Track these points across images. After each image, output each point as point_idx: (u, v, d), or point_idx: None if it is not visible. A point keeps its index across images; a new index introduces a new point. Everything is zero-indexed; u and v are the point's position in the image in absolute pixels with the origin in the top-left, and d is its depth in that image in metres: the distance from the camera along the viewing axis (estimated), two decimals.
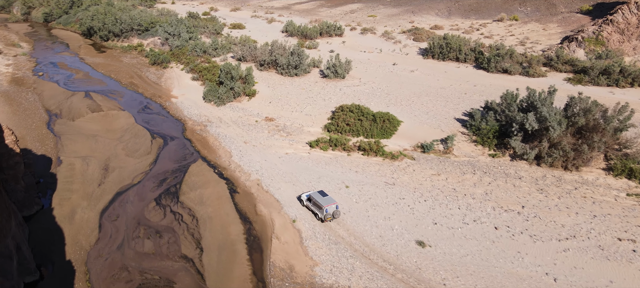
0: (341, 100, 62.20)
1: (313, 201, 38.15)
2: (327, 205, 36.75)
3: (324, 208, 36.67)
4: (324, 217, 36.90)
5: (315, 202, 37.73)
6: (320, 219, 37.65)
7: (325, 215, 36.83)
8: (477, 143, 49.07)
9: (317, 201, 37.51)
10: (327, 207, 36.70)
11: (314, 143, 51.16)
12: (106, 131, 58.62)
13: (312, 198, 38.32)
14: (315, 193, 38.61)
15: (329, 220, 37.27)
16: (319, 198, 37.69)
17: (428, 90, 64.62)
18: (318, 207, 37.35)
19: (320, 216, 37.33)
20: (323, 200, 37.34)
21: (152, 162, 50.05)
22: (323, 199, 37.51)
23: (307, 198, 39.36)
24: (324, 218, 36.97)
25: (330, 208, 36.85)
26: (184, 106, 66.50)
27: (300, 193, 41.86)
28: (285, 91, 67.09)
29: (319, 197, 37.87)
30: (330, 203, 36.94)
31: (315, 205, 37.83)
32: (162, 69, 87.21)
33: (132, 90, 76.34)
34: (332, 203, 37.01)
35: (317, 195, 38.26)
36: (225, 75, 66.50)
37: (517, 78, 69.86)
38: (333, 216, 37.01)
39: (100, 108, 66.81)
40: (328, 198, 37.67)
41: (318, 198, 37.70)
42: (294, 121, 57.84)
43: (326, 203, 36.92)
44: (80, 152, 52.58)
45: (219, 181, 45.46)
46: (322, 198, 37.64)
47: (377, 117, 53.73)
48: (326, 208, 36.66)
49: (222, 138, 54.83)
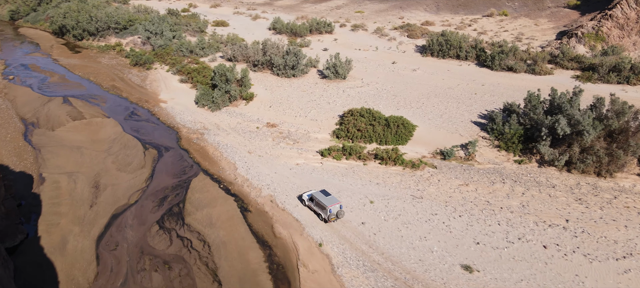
0: (346, 103, 58.35)
1: (316, 201, 36.47)
2: (331, 205, 35.15)
3: (327, 209, 35.09)
4: (328, 217, 35.33)
5: (318, 202, 36.00)
6: (323, 220, 36.12)
7: (330, 216, 35.29)
8: (501, 148, 46.00)
9: (320, 201, 35.78)
10: (331, 207, 35.13)
11: (325, 152, 47.19)
12: (92, 142, 53.20)
13: (314, 198, 36.63)
14: (317, 193, 36.82)
15: (333, 220, 35.70)
16: (321, 198, 35.98)
17: (436, 91, 61.40)
18: (321, 207, 35.77)
19: (324, 216, 35.75)
20: (326, 200, 35.61)
21: (147, 177, 45.15)
22: (326, 199, 35.81)
23: (309, 198, 37.68)
24: (328, 219, 35.43)
25: (334, 208, 35.33)
26: (175, 112, 61.44)
27: (301, 193, 40.11)
28: (284, 94, 62.77)
29: (321, 196, 36.19)
30: (334, 203, 35.36)
31: (318, 206, 36.23)
32: (146, 71, 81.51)
33: (115, 95, 70.65)
34: (335, 203, 35.47)
35: (319, 194, 36.52)
36: (220, 77, 61.73)
37: (523, 76, 67.41)
38: (337, 216, 35.52)
39: (82, 115, 61.13)
40: (331, 198, 36.00)
41: (321, 198, 35.99)
42: (299, 127, 53.69)
43: (330, 203, 35.26)
44: (65, 167, 47.19)
45: (226, 198, 41.02)
46: (325, 197, 35.98)
47: (390, 122, 50.12)
48: (330, 209, 35.11)
49: (223, 147, 50.24)
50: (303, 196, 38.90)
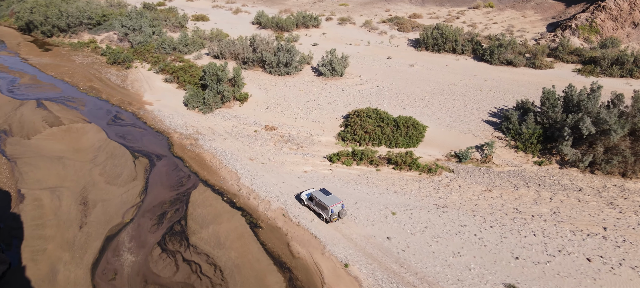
0: (348, 102, 55.17)
1: (316, 201, 35.20)
2: (332, 205, 33.95)
3: (329, 209, 33.88)
4: (330, 217, 34.16)
5: (319, 202, 34.72)
6: (325, 220, 34.93)
7: (331, 216, 34.14)
8: (519, 149, 43.74)
9: (320, 201, 34.50)
10: (332, 206, 33.92)
11: (334, 157, 43.96)
12: (74, 151, 48.48)
13: (314, 198, 35.31)
14: (317, 192, 35.56)
15: (335, 220, 34.57)
16: (322, 197, 34.78)
17: (439, 88, 58.85)
18: (322, 207, 34.57)
19: (325, 217, 34.58)
20: (327, 200, 34.42)
21: (141, 190, 41.01)
22: (327, 198, 34.61)
23: (309, 197, 36.35)
24: (330, 219, 34.28)
25: (335, 207, 34.16)
26: (164, 115, 57.02)
27: (300, 192, 38.79)
28: (281, 94, 59.11)
29: (322, 196, 34.96)
30: (335, 203, 34.17)
31: (319, 206, 34.98)
32: (125, 70, 76.32)
33: (94, 96, 65.52)
34: (337, 202, 34.33)
35: (319, 194, 35.27)
36: (211, 77, 57.57)
37: (523, 70, 65.64)
38: (339, 216, 34.38)
39: (61, 121, 56.09)
40: (332, 197, 34.86)
41: (321, 197, 34.78)
42: (301, 130, 50.24)
43: (331, 203, 34.06)
44: (46, 181, 42.55)
45: (232, 213, 37.38)
46: (325, 197, 34.79)
47: (399, 123, 47.23)
48: (332, 209, 33.94)
49: (221, 154, 46.38)
50: (301, 195, 37.19)
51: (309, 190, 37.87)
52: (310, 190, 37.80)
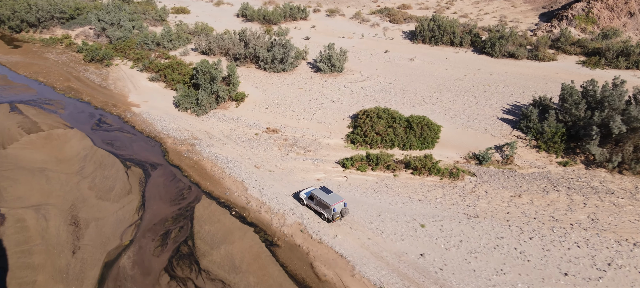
0: (352, 100, 51.98)
1: (317, 200, 33.95)
2: (335, 204, 32.74)
3: (331, 208, 32.70)
4: (332, 216, 33.00)
5: (320, 201, 33.55)
6: (326, 219, 33.74)
7: (334, 215, 32.93)
8: (541, 149, 41.46)
9: (322, 199, 33.31)
10: (335, 205, 32.71)
11: (347, 162, 40.79)
12: (57, 161, 43.94)
13: (315, 197, 34.03)
14: (317, 191, 34.33)
15: (337, 219, 33.38)
16: (323, 196, 33.60)
17: (445, 83, 56.24)
18: (324, 206, 33.34)
19: (327, 216, 33.43)
20: (329, 198, 33.27)
21: (138, 205, 37.02)
22: (329, 197, 33.47)
23: (309, 196, 35.03)
24: (332, 218, 33.09)
25: (338, 206, 33.00)
26: (154, 118, 52.67)
27: (299, 191, 37.46)
28: (279, 92, 55.44)
29: (323, 194, 33.77)
30: (337, 201, 32.98)
31: (320, 205, 33.73)
32: (105, 68, 71.16)
33: (74, 98, 60.48)
34: (339, 200, 33.15)
35: (320, 192, 34.05)
36: (204, 75, 53.43)
37: (526, 63, 63.74)
38: (342, 215, 33.14)
39: (39, 126, 51.17)
40: (334, 195, 33.69)
41: (323, 196, 33.61)
42: (305, 132, 46.87)
43: (333, 202, 32.89)
44: (29, 198, 38.08)
45: (244, 230, 33.86)
46: (326, 196, 33.63)
47: (412, 123, 44.36)
48: (334, 207, 32.73)
49: (223, 162, 42.63)
50: (301, 194, 35.72)
51: (309, 189, 36.40)
52: (309, 189, 36.36)
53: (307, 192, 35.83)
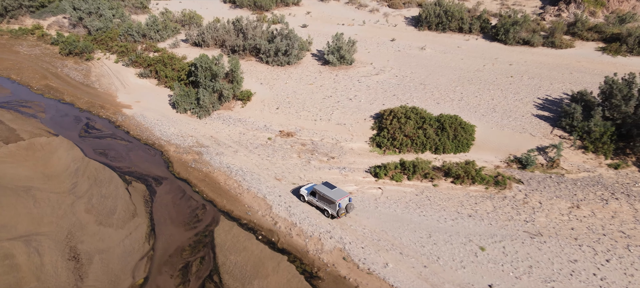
0: (371, 97, 47.53)
1: (319, 195, 32.28)
2: (340, 199, 31.25)
3: (336, 203, 31.18)
4: (338, 212, 31.46)
5: (324, 196, 31.94)
6: (330, 216, 32.23)
7: (339, 211, 31.46)
8: (587, 150, 38.05)
9: (325, 195, 31.74)
10: (340, 200, 31.24)
11: (380, 171, 36.50)
12: (44, 178, 38.25)
13: (317, 192, 32.38)
14: (320, 186, 32.65)
15: (343, 215, 31.93)
16: (326, 191, 32.01)
17: (466, 75, 52.31)
18: (328, 201, 31.75)
19: (332, 212, 31.91)
20: (333, 193, 31.72)
21: (147, 231, 32.00)
22: (333, 192, 31.90)
23: (310, 192, 33.30)
24: (338, 214, 31.55)
25: (343, 201, 31.58)
26: (150, 121, 47.10)
27: (298, 187, 35.51)
28: (288, 89, 50.46)
29: (326, 190, 32.15)
30: (342, 196, 31.50)
31: (324, 200, 32.13)
32: (85, 62, 64.57)
33: (55, 99, 54.16)
34: (344, 195, 31.65)
35: (323, 188, 32.42)
36: (204, 72, 47.97)
37: (543, 50, 60.37)
38: (347, 210, 31.82)
39: (18, 134, 45.07)
40: (338, 190, 32.21)
41: (326, 191, 32.01)
42: (324, 135, 42.31)
43: (338, 197, 31.38)
44: (16, 226, 32.54)
45: (276, 259, 29.33)
46: (330, 190, 32.04)
47: (444, 123, 40.32)
48: (339, 203, 31.27)
49: (238, 174, 37.75)
50: (301, 191, 34.02)
51: (309, 184, 34.79)
52: (310, 184, 34.76)
53: (309, 188, 34.07)
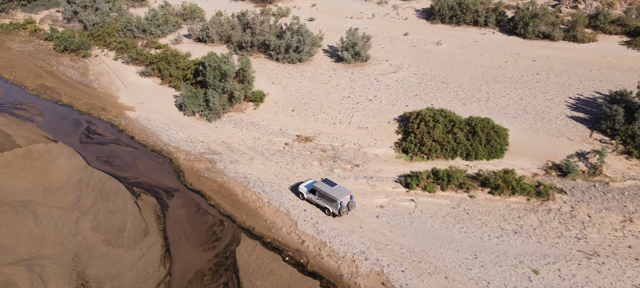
0: (392, 98, 44.62)
1: (320, 193, 31.18)
2: (341, 197, 30.24)
3: (338, 201, 30.16)
4: (339, 211, 30.42)
5: (325, 194, 30.85)
6: (332, 214, 31.17)
7: (341, 209, 30.43)
8: (631, 155, 35.49)
9: (326, 193, 30.67)
10: (341, 198, 30.21)
11: (411, 181, 33.69)
12: (44, 191, 35.08)
13: (318, 190, 31.29)
14: (320, 183, 31.64)
15: (344, 214, 30.94)
16: (327, 189, 30.98)
17: (489, 73, 49.55)
18: (330, 200, 30.64)
19: (333, 210, 30.82)
20: (335, 191, 30.66)
21: (162, 252, 29.07)
22: (334, 190, 30.85)
23: (310, 189, 32.08)
24: (339, 213, 30.52)
25: (345, 199, 30.56)
26: (155, 125, 43.92)
27: (297, 184, 34.39)
28: (302, 89, 47.39)
29: (327, 187, 31.11)
30: (344, 194, 30.51)
31: (325, 198, 31.03)
32: (82, 60, 61.04)
33: (51, 100, 50.76)
34: (346, 193, 30.65)
35: (323, 185, 31.39)
36: (213, 71, 44.76)
37: (565, 45, 57.70)
38: (348, 208, 30.81)
39: (13, 141, 41.81)
40: (339, 188, 31.15)
41: (326, 189, 30.98)
42: (345, 140, 39.42)
43: (340, 195, 30.38)
44: (16, 248, 29.45)
45: (308, 285, 26.54)
46: (332, 188, 30.99)
47: (476, 127, 37.55)
48: (341, 201, 30.23)
49: (256, 185, 34.80)
50: (300, 188, 32.84)
51: (309, 181, 33.62)
52: (309, 182, 33.59)
53: (308, 185, 32.94)
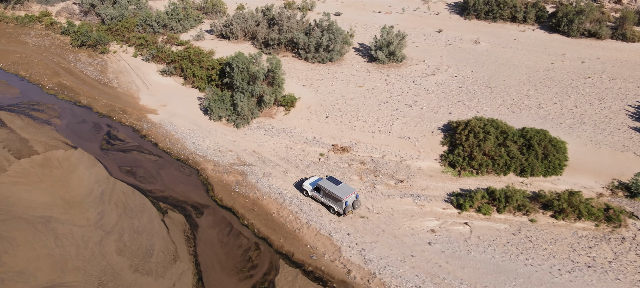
0: (433, 103, 41.33)
1: (325, 192, 30.18)
2: (347, 196, 29.30)
3: (343, 201, 29.31)
4: (345, 210, 29.55)
5: (329, 193, 29.83)
6: (336, 213, 30.32)
7: (346, 209, 29.55)
8: None
9: (331, 192, 29.66)
10: (347, 198, 29.28)
11: (464, 202, 30.55)
12: (65, 205, 32.56)
13: (322, 188, 30.30)
14: (325, 182, 30.64)
15: (350, 213, 30.10)
16: (332, 187, 29.98)
17: (536, 76, 46.04)
18: (335, 199, 29.70)
19: (338, 210, 29.98)
20: (340, 190, 29.68)
21: (194, 282, 26.56)
22: (339, 188, 29.88)
23: (314, 187, 31.18)
24: (345, 212, 29.67)
25: (350, 199, 29.65)
26: (180, 131, 41.18)
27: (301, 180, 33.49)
28: (336, 92, 44.26)
29: (331, 186, 30.15)
30: (349, 193, 29.58)
31: (329, 197, 30.08)
32: (100, 56, 58.45)
33: (69, 101, 48.25)
34: (351, 192, 29.76)
35: (328, 183, 30.39)
36: (241, 73, 41.78)
37: (613, 44, 54.03)
38: (353, 207, 29.96)
39: (31, 147, 39.42)
40: (344, 186, 30.20)
41: (331, 187, 29.97)
42: (385, 151, 36.32)
43: (345, 194, 29.46)
44: (35, 274, 27.01)
45: None
46: (336, 187, 30.00)
47: (531, 140, 34.18)
48: (346, 201, 29.32)
49: (292, 202, 31.99)
50: (304, 185, 31.93)
51: (312, 178, 32.60)
52: (314, 178, 32.48)
53: (313, 183, 31.92)
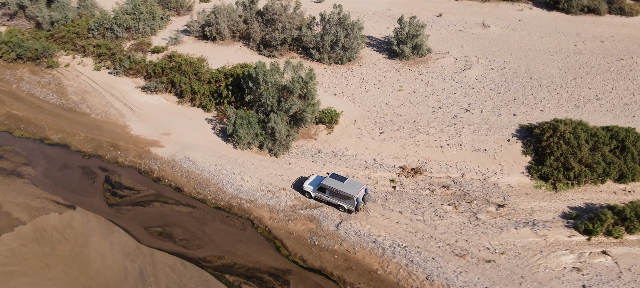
0: (488, 104, 37.16)
1: (331, 190, 28.34)
2: (357, 193, 27.61)
3: (354, 198, 27.56)
4: (357, 207, 28.02)
5: (337, 192, 28.08)
6: (347, 211, 28.58)
7: (358, 205, 28.02)
8: None
9: (340, 191, 27.89)
10: (357, 194, 27.63)
11: (595, 227, 26.78)
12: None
13: (328, 188, 28.40)
14: (330, 180, 28.72)
15: (362, 209, 28.64)
16: (339, 185, 28.15)
17: (572, 62, 43.85)
18: (344, 197, 27.94)
19: (348, 207, 28.30)
20: (348, 187, 27.91)
21: None
22: (347, 186, 28.06)
23: (318, 187, 29.16)
24: (357, 209, 28.16)
25: (360, 194, 28.02)
26: (205, 168, 33.08)
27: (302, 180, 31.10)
28: (378, 100, 38.33)
29: (338, 184, 28.28)
30: (359, 189, 27.88)
31: (337, 196, 28.29)
32: (48, 71, 47.13)
33: (33, 138, 37.59)
34: (360, 188, 28.06)
35: (334, 182, 28.47)
36: (270, 89, 34.29)
37: (614, 19, 53.95)
38: (364, 201, 28.52)
39: (10, 214, 29.95)
40: (351, 182, 28.50)
41: (339, 186, 28.14)
42: (463, 168, 31.68)
43: (355, 191, 27.70)
44: None
45: None
46: (343, 184, 28.24)
47: (625, 141, 31.29)
48: (357, 197, 27.67)
49: (396, 252, 26.23)
50: (304, 187, 29.83)
51: (311, 177, 30.43)
52: (312, 177, 30.41)
53: (314, 182, 29.87)
